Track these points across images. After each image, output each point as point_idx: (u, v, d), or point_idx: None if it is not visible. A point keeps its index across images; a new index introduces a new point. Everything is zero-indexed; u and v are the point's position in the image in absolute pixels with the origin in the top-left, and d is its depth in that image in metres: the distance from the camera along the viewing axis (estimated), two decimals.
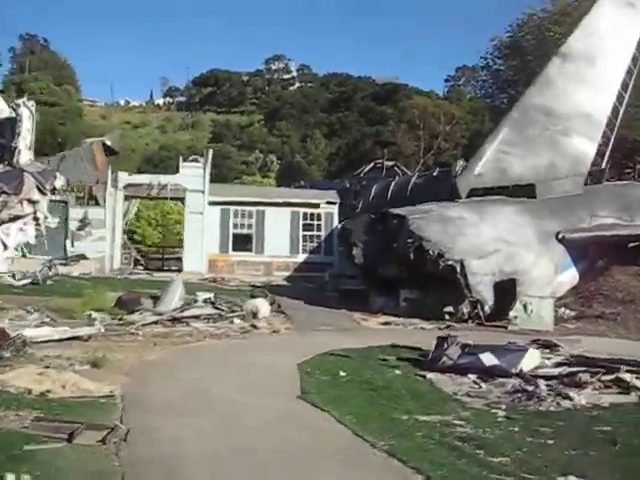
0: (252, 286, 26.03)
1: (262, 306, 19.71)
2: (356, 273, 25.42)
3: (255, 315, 19.36)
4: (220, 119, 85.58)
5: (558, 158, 25.22)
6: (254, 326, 18.40)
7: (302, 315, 20.98)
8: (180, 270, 29.34)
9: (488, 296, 21.07)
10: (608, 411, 9.91)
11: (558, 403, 10.34)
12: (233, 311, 19.74)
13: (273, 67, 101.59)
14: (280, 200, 31.29)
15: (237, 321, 18.73)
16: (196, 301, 20.70)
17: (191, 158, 32.76)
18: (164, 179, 30.84)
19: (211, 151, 32.34)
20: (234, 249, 30.99)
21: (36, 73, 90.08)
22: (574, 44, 26.07)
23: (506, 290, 21.27)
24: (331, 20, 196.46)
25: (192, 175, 30.49)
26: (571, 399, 10.50)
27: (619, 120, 27.68)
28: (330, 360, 13.53)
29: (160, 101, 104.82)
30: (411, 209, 22.60)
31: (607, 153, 27.26)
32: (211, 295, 21.24)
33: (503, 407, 10.05)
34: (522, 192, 24.17)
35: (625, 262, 24.53)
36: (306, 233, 31.14)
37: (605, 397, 10.85)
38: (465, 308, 20.90)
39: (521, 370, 11.82)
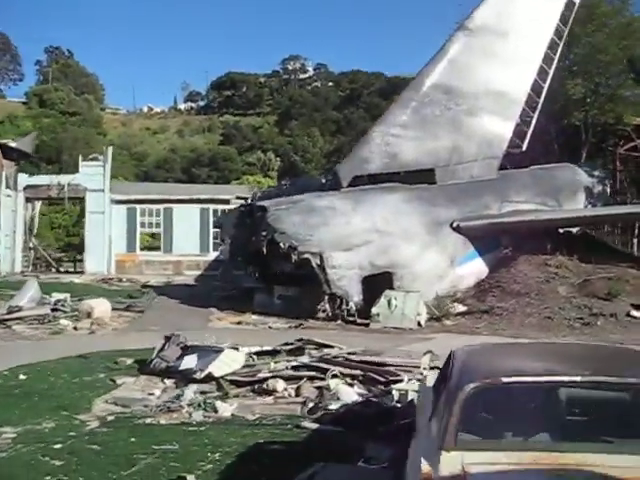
0: (143, 286, 24.96)
1: (98, 306, 18.60)
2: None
3: (89, 315, 18.27)
4: (231, 121, 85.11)
5: (464, 140, 23.07)
6: (75, 327, 17.34)
7: (155, 316, 19.83)
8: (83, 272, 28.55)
9: (354, 291, 19.32)
10: (232, 426, 8.30)
11: (190, 414, 8.77)
12: (74, 312, 18.79)
13: (290, 67, 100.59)
14: (188, 197, 30.08)
15: (64, 322, 17.76)
16: (49, 302, 19.88)
17: (91, 157, 31.91)
18: (63, 179, 30.06)
19: (111, 149, 31.41)
20: (142, 248, 29.99)
21: (57, 84, 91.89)
22: (481, 17, 23.84)
23: (381, 285, 19.51)
24: (350, 16, 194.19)
25: (92, 174, 29.62)
26: (216, 410, 8.92)
27: (542, 97, 25.33)
28: (59, 362, 12.33)
29: (182, 106, 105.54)
30: (279, 200, 21.08)
31: (528, 133, 24.88)
32: (66, 296, 20.32)
33: (111, 419, 8.59)
34: (419, 178, 22.15)
35: (541, 251, 22.30)
36: (217, 230, 29.80)
37: (265, 408, 9.20)
38: (327, 304, 19.21)
39: (209, 374, 10.25)
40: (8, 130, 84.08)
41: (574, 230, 25.47)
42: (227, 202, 29.39)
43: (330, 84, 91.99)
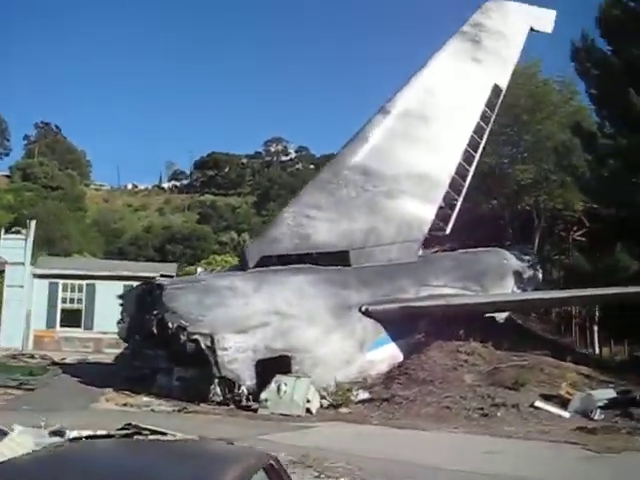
0: (53, 363, 24.20)
1: None
2: None
3: None
4: (210, 201, 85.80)
5: (381, 222, 22.80)
6: None
7: (42, 395, 19.06)
8: None
9: (247, 375, 18.55)
10: None
11: None
12: None
13: (272, 149, 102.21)
14: (111, 273, 29.66)
15: None
16: None
17: (13, 230, 31.70)
18: None
19: (34, 223, 31.18)
20: (62, 324, 29.29)
21: (43, 158, 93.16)
22: (403, 101, 24.04)
23: (279, 369, 18.75)
24: (335, 101, 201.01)
25: (13, 247, 29.31)
26: None
27: (468, 181, 25.21)
28: None
29: (166, 185, 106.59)
30: (180, 279, 20.75)
31: (452, 216, 24.64)
32: None
33: None
34: (334, 260, 21.73)
35: (456, 337, 21.57)
36: None
37: None
38: (217, 388, 18.41)
39: None
40: None
41: (503, 316, 24.87)
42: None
43: (311, 166, 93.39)
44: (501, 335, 22.22)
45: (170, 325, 18.35)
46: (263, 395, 17.81)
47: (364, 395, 19.40)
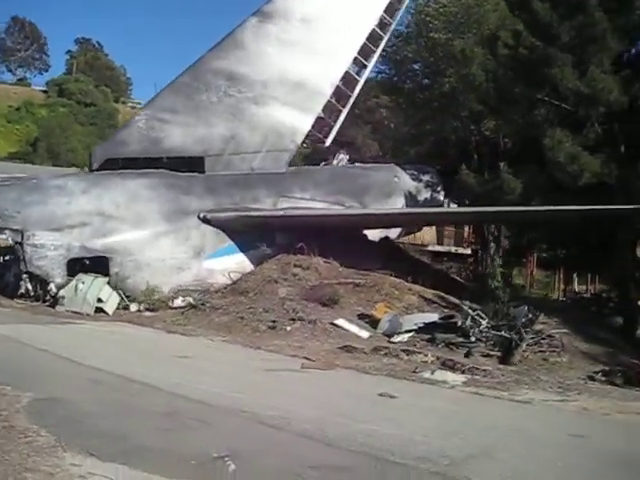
0: None
1: None
2: None
3: None
4: None
5: (246, 130, 21.94)
6: None
7: None
8: None
9: (56, 273, 18.53)
10: None
11: None
12: None
13: None
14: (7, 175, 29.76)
15: None
16: None
17: None
18: None
19: None
20: None
21: (80, 75, 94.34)
22: (281, 3, 22.61)
23: (94, 269, 18.69)
24: None
25: None
26: None
27: (356, 91, 23.77)
28: None
29: None
30: (14, 177, 20.66)
31: (335, 128, 23.43)
32: None
33: None
34: (186, 165, 21.16)
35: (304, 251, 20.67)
36: None
37: None
38: (28, 284, 18.54)
39: None
40: (23, 116, 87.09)
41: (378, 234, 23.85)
42: None
43: None
44: (365, 254, 21.32)
45: None
46: (61, 292, 17.90)
47: (179, 302, 19.13)
